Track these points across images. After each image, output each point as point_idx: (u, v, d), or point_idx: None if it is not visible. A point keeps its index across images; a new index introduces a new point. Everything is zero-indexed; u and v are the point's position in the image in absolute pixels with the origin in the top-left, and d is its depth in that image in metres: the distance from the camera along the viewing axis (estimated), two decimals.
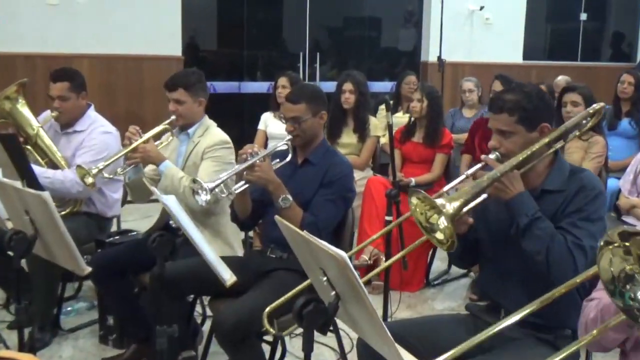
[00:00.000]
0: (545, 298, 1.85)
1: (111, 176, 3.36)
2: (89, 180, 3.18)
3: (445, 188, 2.43)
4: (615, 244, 1.53)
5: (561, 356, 1.72)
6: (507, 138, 2.29)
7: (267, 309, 2.45)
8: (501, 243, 2.38)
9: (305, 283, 2.40)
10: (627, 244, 1.52)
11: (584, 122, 2.58)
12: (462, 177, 2.38)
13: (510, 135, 2.28)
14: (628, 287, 1.54)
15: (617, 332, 1.78)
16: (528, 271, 2.29)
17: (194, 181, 2.78)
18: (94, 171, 3.18)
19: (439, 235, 2.16)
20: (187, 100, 3.35)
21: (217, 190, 2.77)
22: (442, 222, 2.13)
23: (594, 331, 1.74)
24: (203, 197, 2.75)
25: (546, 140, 2.29)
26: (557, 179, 2.32)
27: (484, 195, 2.25)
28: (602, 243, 1.55)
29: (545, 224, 2.21)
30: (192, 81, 3.38)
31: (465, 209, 2.17)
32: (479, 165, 2.33)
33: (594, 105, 2.63)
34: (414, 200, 2.16)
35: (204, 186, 2.73)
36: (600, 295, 1.87)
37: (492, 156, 2.30)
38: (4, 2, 6.46)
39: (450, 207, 2.11)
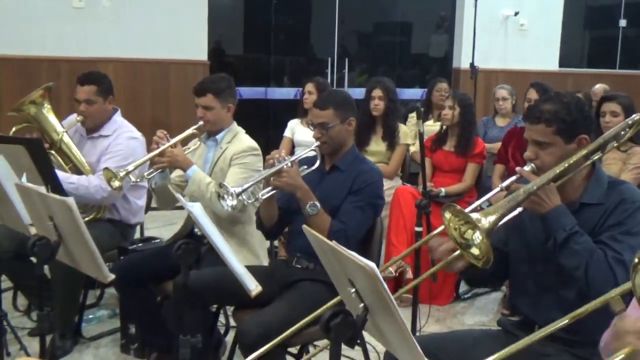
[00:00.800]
0: (577, 314, 1.83)
1: (137, 180, 3.39)
2: (116, 183, 3.21)
3: (479, 201, 2.42)
4: None
5: None
6: (544, 149, 2.27)
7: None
8: (537, 258, 2.36)
9: (335, 299, 2.38)
10: None
11: (622, 133, 2.55)
12: (497, 189, 2.37)
13: (547, 147, 2.26)
14: None
15: None
16: (564, 287, 2.27)
17: (220, 185, 2.80)
18: (122, 174, 3.21)
19: (475, 251, 2.13)
20: (215, 106, 3.37)
21: (243, 195, 2.79)
22: (477, 237, 2.11)
23: None
24: (229, 202, 2.76)
25: (584, 152, 2.26)
26: (595, 191, 2.30)
27: (519, 209, 2.23)
28: (636, 260, 1.53)
29: (583, 238, 2.19)
30: (221, 87, 3.40)
31: (500, 223, 2.16)
32: (513, 178, 2.31)
33: (634, 116, 2.60)
34: (447, 214, 2.13)
35: (230, 191, 2.75)
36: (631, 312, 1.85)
37: (527, 168, 2.28)
38: (28, 5, 6.57)
39: (486, 221, 2.09)
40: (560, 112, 2.25)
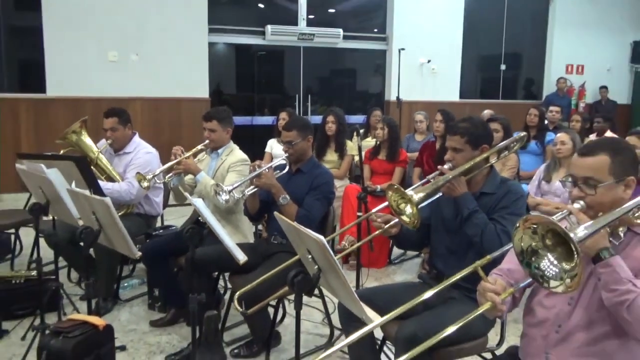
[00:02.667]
0: (471, 269, 1.86)
1: (161, 182, 3.38)
2: (145, 184, 3.20)
3: (413, 187, 2.46)
4: (527, 226, 1.50)
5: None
6: (458, 153, 2.37)
7: (238, 294, 2.48)
8: (449, 230, 2.44)
9: (294, 258, 2.40)
10: (534, 225, 1.49)
11: (512, 145, 2.65)
12: (424, 180, 2.43)
13: (460, 152, 2.36)
14: (534, 259, 1.52)
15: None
16: (466, 251, 2.35)
17: (217, 185, 2.84)
18: (149, 176, 3.21)
19: (406, 218, 2.24)
20: (218, 129, 3.35)
21: (234, 192, 2.80)
22: (409, 209, 2.21)
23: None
24: (223, 197, 2.81)
25: (484, 155, 2.37)
26: (491, 185, 2.39)
27: (439, 194, 2.32)
28: (517, 225, 1.51)
29: (481, 215, 2.28)
30: (223, 115, 3.39)
31: (426, 202, 2.24)
32: (436, 172, 2.40)
33: (520, 134, 2.72)
34: (390, 192, 2.23)
35: (224, 189, 2.79)
36: (507, 266, 1.89)
37: (446, 166, 2.38)
38: (78, 60, 6.52)
39: (417, 196, 2.20)
40: (470, 128, 2.35)
